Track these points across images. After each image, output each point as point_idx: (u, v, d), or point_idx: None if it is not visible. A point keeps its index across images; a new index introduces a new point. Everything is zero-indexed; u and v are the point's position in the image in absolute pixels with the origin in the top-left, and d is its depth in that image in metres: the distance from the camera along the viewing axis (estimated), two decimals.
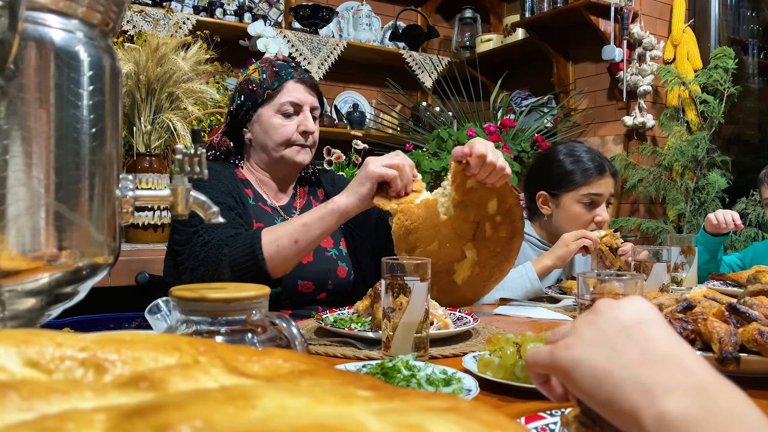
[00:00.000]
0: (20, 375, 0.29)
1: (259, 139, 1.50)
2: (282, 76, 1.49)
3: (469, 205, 1.27)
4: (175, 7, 3.05)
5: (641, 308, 0.44)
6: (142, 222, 2.14)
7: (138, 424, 0.22)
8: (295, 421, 0.22)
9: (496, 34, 3.95)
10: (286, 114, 1.48)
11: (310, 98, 1.51)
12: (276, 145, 1.48)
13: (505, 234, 1.33)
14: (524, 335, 0.84)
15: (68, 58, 0.53)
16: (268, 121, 1.48)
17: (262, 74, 1.49)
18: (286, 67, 1.51)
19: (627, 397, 0.38)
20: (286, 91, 1.48)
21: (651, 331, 0.42)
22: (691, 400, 0.36)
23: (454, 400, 0.28)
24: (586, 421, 0.47)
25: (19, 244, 0.51)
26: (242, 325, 0.56)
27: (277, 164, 1.52)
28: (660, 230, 3.12)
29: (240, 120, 1.52)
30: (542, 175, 1.83)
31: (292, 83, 1.49)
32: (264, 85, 1.48)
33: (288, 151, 1.49)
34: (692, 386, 0.37)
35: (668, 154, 3.15)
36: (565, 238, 1.61)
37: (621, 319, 0.43)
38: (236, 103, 1.52)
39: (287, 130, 1.47)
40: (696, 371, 0.38)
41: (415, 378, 0.75)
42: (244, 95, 1.50)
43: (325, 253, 1.50)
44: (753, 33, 3.54)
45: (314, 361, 0.35)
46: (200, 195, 0.64)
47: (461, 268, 1.32)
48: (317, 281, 1.45)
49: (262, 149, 1.51)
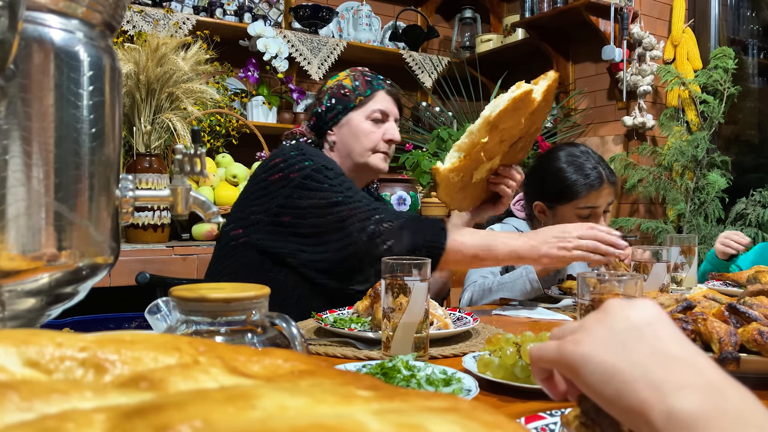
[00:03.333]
0: (20, 375, 0.29)
1: (346, 142, 1.53)
2: (374, 85, 1.56)
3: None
4: (175, 7, 3.05)
5: (651, 310, 0.44)
6: (142, 222, 2.14)
7: (138, 424, 0.22)
8: (294, 421, 0.22)
9: (496, 34, 3.95)
10: (375, 120, 1.53)
11: (395, 110, 1.58)
12: (363, 149, 1.52)
13: (522, 148, 1.48)
14: (524, 335, 0.84)
15: (68, 58, 0.53)
16: (358, 125, 1.52)
17: (355, 81, 1.55)
18: (376, 78, 1.58)
19: (636, 394, 0.38)
20: (377, 99, 1.54)
21: (661, 331, 0.42)
22: (701, 398, 0.36)
23: (454, 400, 0.28)
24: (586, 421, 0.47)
25: (19, 244, 0.51)
26: (242, 325, 0.56)
27: (359, 170, 1.55)
28: (660, 230, 3.12)
29: (327, 122, 1.55)
30: (540, 185, 1.81)
31: (383, 93, 1.55)
32: (357, 91, 1.53)
33: (373, 158, 1.53)
34: (704, 385, 0.37)
35: (668, 154, 3.15)
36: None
37: (632, 318, 0.43)
38: (325, 106, 1.55)
39: (375, 136, 1.52)
40: (706, 371, 0.38)
41: (415, 378, 0.75)
42: (335, 99, 1.54)
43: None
44: (753, 33, 3.54)
45: (314, 361, 0.35)
46: (200, 195, 0.64)
47: (479, 170, 1.42)
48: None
49: (347, 153, 1.54)
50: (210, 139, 2.62)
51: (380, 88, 1.56)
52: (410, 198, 2.72)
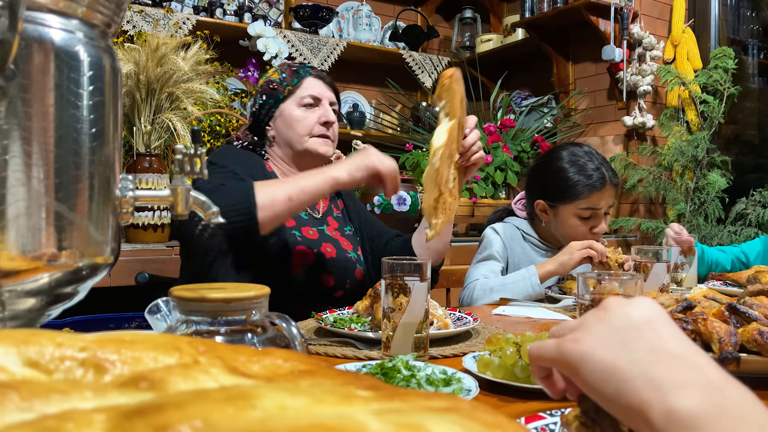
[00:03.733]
0: (20, 375, 0.29)
1: (282, 133, 1.55)
2: (300, 73, 1.56)
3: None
4: (175, 7, 3.05)
5: (650, 308, 0.44)
6: (142, 222, 2.14)
7: (138, 424, 0.22)
8: (294, 421, 0.22)
9: (496, 34, 3.95)
10: (307, 105, 1.53)
11: (328, 93, 1.57)
12: (299, 136, 1.52)
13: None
14: (524, 335, 0.84)
15: (68, 58, 0.53)
16: (290, 114, 1.53)
17: (282, 74, 1.56)
18: (303, 66, 1.58)
19: (636, 393, 0.38)
20: (306, 86, 1.54)
21: (661, 329, 0.42)
22: (701, 396, 0.36)
23: (454, 400, 0.28)
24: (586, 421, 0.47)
25: (19, 244, 0.51)
26: (242, 325, 0.56)
27: (302, 157, 1.55)
28: (660, 230, 3.12)
29: (263, 119, 1.57)
30: (542, 183, 1.81)
31: (311, 78, 1.56)
32: (284, 82, 1.54)
33: (311, 142, 1.53)
34: (704, 384, 0.37)
35: (668, 154, 3.15)
36: (572, 247, 1.60)
37: (631, 316, 0.43)
38: (258, 104, 1.57)
39: (309, 121, 1.52)
40: (706, 370, 0.38)
41: (415, 378, 0.75)
42: (266, 95, 1.56)
43: (346, 254, 1.54)
44: (753, 33, 3.54)
45: (314, 361, 0.35)
46: (200, 195, 0.64)
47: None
48: (338, 277, 1.48)
49: (287, 143, 1.55)
50: (210, 139, 2.62)
51: (306, 74, 1.56)
52: (410, 198, 2.72)
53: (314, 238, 1.49)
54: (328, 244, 1.51)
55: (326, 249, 1.49)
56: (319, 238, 1.50)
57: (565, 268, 1.60)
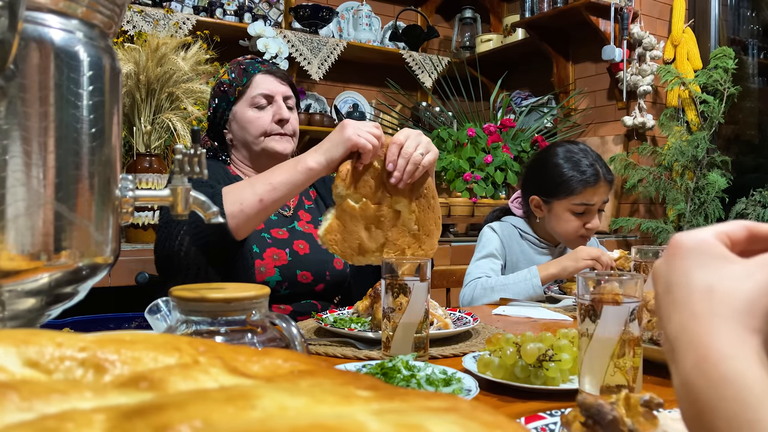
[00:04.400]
0: (20, 375, 0.29)
1: (238, 136, 1.52)
2: (249, 71, 1.51)
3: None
4: (175, 7, 3.05)
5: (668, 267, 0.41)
6: (142, 222, 2.14)
7: (138, 424, 0.22)
8: (294, 421, 0.22)
9: (496, 34, 3.95)
10: (260, 106, 1.49)
11: (281, 87, 1.52)
12: (254, 137, 1.49)
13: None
14: (524, 335, 0.84)
15: (68, 58, 0.53)
16: (243, 116, 1.49)
17: (231, 74, 1.52)
18: (252, 63, 1.53)
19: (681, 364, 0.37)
20: (255, 85, 1.50)
21: (670, 299, 0.39)
22: (682, 400, 0.36)
23: (454, 400, 0.28)
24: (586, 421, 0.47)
25: (18, 244, 0.51)
26: (242, 325, 0.56)
27: (260, 158, 1.52)
28: (660, 230, 3.12)
29: (219, 122, 1.54)
30: (536, 179, 1.82)
31: (260, 76, 1.51)
32: (234, 83, 1.50)
33: (267, 142, 1.49)
34: (682, 382, 0.36)
35: (668, 154, 3.15)
36: (578, 254, 1.60)
37: (657, 292, 0.41)
38: (212, 108, 1.55)
39: (263, 122, 1.49)
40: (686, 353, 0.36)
41: (415, 378, 0.75)
42: (218, 98, 1.53)
43: (322, 246, 1.50)
44: (753, 33, 3.54)
45: (314, 361, 0.35)
46: (200, 195, 0.64)
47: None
48: (315, 272, 1.46)
49: (243, 146, 1.52)
50: None
51: (255, 72, 1.52)
52: None
53: (284, 238, 1.46)
54: (301, 240, 1.48)
55: (299, 246, 1.46)
56: (289, 238, 1.47)
57: (568, 273, 1.60)
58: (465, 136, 3.10)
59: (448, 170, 2.94)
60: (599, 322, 0.72)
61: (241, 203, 1.17)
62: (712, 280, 0.37)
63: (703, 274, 0.38)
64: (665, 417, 0.53)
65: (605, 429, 0.46)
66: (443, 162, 2.94)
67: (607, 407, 0.47)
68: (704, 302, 0.37)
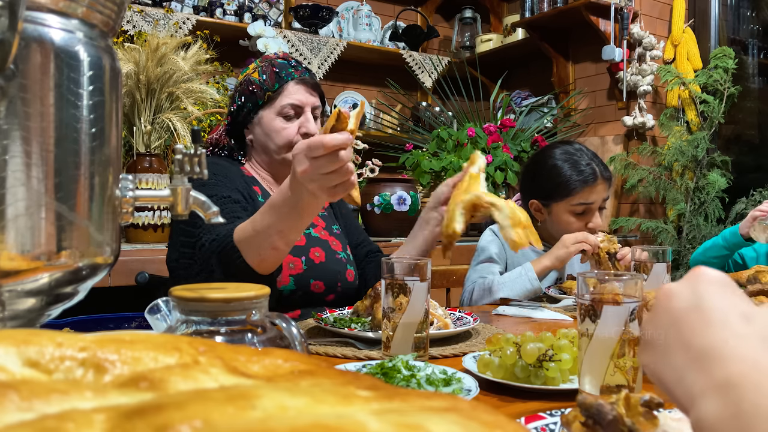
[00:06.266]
0: (20, 375, 0.29)
1: (260, 141, 1.49)
2: (282, 77, 1.46)
3: None
4: (175, 7, 3.05)
5: (698, 290, 0.43)
6: (142, 222, 2.14)
7: (138, 424, 0.22)
8: (294, 421, 0.22)
9: (496, 34, 3.95)
10: (287, 117, 1.45)
11: (311, 99, 1.48)
12: (278, 147, 1.46)
13: None
14: (524, 335, 0.84)
15: (68, 58, 0.53)
16: (269, 124, 1.45)
17: (262, 75, 1.47)
18: (286, 67, 1.48)
19: (678, 400, 0.40)
20: (286, 93, 1.45)
21: (699, 317, 0.41)
22: (717, 401, 0.36)
23: (454, 400, 0.28)
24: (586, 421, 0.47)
25: (18, 244, 0.51)
26: (242, 325, 0.56)
27: (280, 167, 1.50)
28: (660, 230, 3.12)
29: (241, 122, 1.50)
30: (534, 182, 1.82)
31: (293, 85, 1.46)
32: (264, 86, 1.46)
33: (290, 155, 1.42)
34: (721, 384, 0.37)
35: (668, 154, 3.15)
36: (565, 240, 1.61)
37: (673, 307, 0.43)
38: (237, 105, 1.49)
39: (288, 133, 1.45)
40: (731, 363, 0.38)
41: (415, 378, 0.75)
42: (245, 96, 1.48)
43: (336, 255, 1.50)
44: (753, 33, 3.54)
45: (314, 361, 0.35)
46: (200, 195, 0.64)
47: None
48: (328, 282, 1.44)
49: (264, 151, 1.49)
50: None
51: (289, 79, 1.46)
52: (410, 198, 2.72)
53: (301, 244, 1.44)
54: (317, 248, 1.47)
55: (314, 254, 1.45)
56: (306, 244, 1.45)
57: (561, 261, 1.60)
58: (465, 136, 3.10)
59: (448, 170, 2.94)
60: (599, 322, 0.72)
61: (260, 255, 1.10)
62: (748, 312, 0.41)
63: (741, 303, 0.41)
64: (665, 417, 0.53)
65: (605, 429, 0.46)
66: (443, 162, 2.94)
67: (607, 407, 0.47)
68: (745, 326, 0.40)
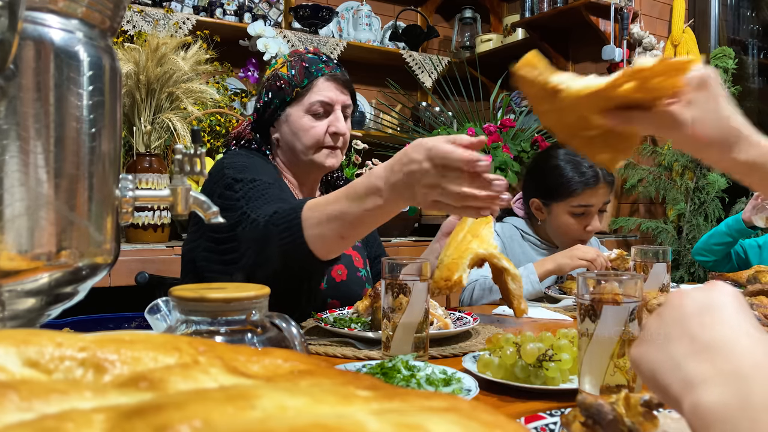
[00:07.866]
0: (20, 375, 0.29)
1: (287, 140, 1.40)
2: (312, 72, 1.37)
3: None
4: (175, 7, 3.04)
5: (713, 295, 0.43)
6: (142, 222, 2.14)
7: (137, 424, 0.22)
8: (294, 421, 0.22)
9: (496, 34, 3.95)
10: (316, 115, 1.37)
11: (341, 97, 1.39)
12: (305, 147, 1.38)
13: None
14: (524, 335, 0.84)
15: (68, 58, 0.53)
16: (297, 121, 1.37)
17: (291, 70, 1.38)
18: (316, 62, 1.39)
19: (673, 388, 0.40)
20: (316, 90, 1.37)
21: (711, 317, 0.42)
22: (724, 389, 0.36)
23: (454, 400, 0.28)
24: (586, 421, 0.47)
25: (18, 244, 0.51)
26: (242, 325, 0.56)
27: (305, 167, 1.42)
28: (660, 230, 3.12)
29: (267, 119, 1.42)
30: (536, 181, 1.83)
31: (323, 81, 1.37)
32: (293, 82, 1.37)
33: (318, 155, 1.38)
34: (729, 374, 0.37)
35: (668, 154, 3.15)
36: (574, 252, 1.59)
37: (685, 306, 0.43)
38: (263, 101, 1.41)
39: (317, 132, 1.36)
40: (742, 357, 0.38)
41: (414, 378, 0.75)
42: (272, 92, 1.39)
43: (357, 273, 1.45)
44: (753, 33, 3.54)
45: (314, 361, 0.35)
46: (200, 195, 0.64)
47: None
48: (345, 302, 1.37)
49: (290, 150, 1.41)
50: (210, 139, 2.62)
51: (319, 75, 1.37)
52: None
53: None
54: (339, 265, 1.40)
55: (336, 272, 1.39)
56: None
57: (563, 270, 1.60)
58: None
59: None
60: (599, 322, 0.72)
61: (323, 238, 1.01)
62: (760, 326, 0.42)
63: (754, 319, 0.43)
64: (665, 417, 0.53)
65: (605, 429, 0.46)
66: None
67: (607, 407, 0.47)
68: (758, 332, 0.41)
